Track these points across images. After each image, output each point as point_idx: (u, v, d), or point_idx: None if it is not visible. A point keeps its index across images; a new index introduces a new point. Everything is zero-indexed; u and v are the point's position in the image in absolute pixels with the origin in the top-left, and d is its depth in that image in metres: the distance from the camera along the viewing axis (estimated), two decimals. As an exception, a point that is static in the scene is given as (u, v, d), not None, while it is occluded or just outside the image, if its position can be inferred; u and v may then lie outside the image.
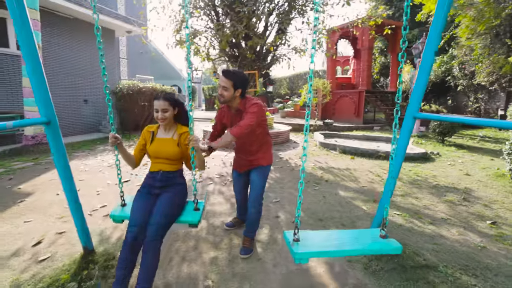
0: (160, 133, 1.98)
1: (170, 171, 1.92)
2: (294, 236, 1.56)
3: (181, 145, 1.92)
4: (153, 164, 1.95)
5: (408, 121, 1.87)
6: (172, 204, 1.80)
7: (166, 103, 1.86)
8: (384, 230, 1.70)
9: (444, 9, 1.66)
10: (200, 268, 2.01)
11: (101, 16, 8.74)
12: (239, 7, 5.73)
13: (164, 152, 1.90)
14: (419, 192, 3.71)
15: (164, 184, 1.88)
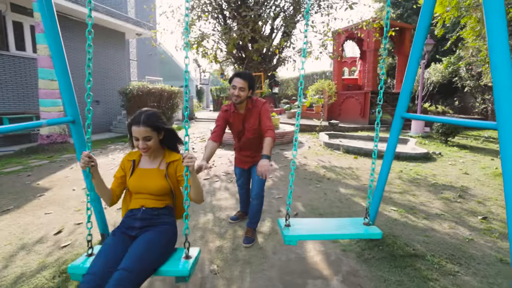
0: (143, 162, 1.61)
1: (155, 208, 1.53)
2: (285, 221, 1.76)
3: (170, 177, 1.56)
4: (134, 200, 1.57)
5: (397, 121, 2.03)
6: (152, 246, 1.37)
7: (148, 129, 1.46)
8: (367, 218, 1.88)
9: (426, 20, 1.83)
10: (206, 255, 2.22)
11: (112, 19, 9.08)
12: (246, 11, 5.94)
13: (148, 186, 1.53)
14: (417, 190, 3.85)
15: (146, 224, 1.48)
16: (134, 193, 1.58)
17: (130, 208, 1.55)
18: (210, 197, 3.53)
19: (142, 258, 1.29)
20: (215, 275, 1.95)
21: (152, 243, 1.38)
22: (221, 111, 2.37)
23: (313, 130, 10.11)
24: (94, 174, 1.48)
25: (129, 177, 1.58)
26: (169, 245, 1.49)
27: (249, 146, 2.43)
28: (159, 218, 1.51)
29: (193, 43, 6.71)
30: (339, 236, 1.77)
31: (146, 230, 1.46)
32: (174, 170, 1.58)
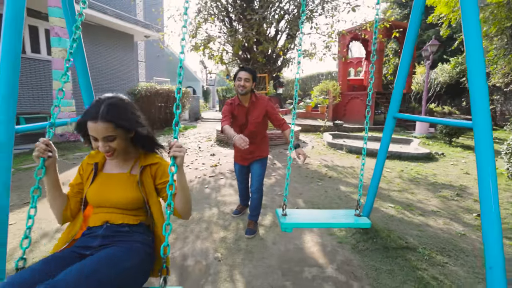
0: (109, 165, 1.23)
1: (124, 224, 1.14)
2: (282, 211, 1.93)
3: (144, 186, 1.18)
4: (94, 215, 1.17)
5: (389, 121, 2.17)
6: (113, 263, 0.98)
7: (110, 127, 1.06)
8: (357, 210, 2.03)
9: (415, 26, 1.96)
10: (211, 244, 2.39)
11: (121, 22, 9.36)
12: (251, 14, 6.11)
13: (113, 197, 1.14)
14: (416, 188, 3.96)
15: (109, 242, 1.09)
16: (95, 206, 1.17)
17: (89, 226, 1.14)
18: (215, 193, 3.71)
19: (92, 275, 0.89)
20: (219, 262, 2.12)
21: (115, 259, 0.99)
22: (225, 105, 2.48)
23: (318, 131, 10.22)
24: (49, 170, 1.11)
25: (89, 185, 1.17)
26: (140, 268, 1.05)
27: (250, 140, 2.50)
28: (130, 236, 1.11)
29: (199, 45, 6.92)
30: (331, 225, 1.94)
31: (108, 247, 1.06)
32: (152, 176, 1.20)
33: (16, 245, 2.38)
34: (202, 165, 5.23)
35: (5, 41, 1.25)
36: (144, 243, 1.13)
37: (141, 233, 1.16)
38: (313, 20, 6.81)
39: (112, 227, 1.12)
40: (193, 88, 24.31)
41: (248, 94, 2.42)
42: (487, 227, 1.31)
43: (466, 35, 1.41)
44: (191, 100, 14.12)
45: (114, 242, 1.08)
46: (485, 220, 1.32)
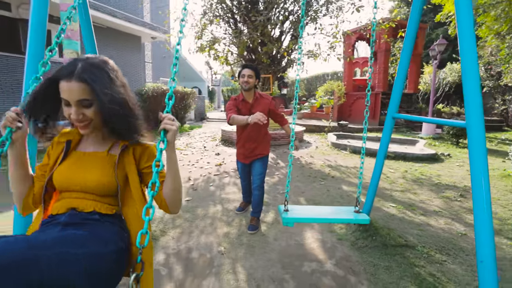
0: (84, 143, 1.04)
1: (95, 211, 0.93)
2: (284, 207, 2.00)
3: (123, 168, 0.98)
4: (58, 202, 0.96)
5: (388, 121, 2.22)
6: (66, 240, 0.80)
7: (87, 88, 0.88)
8: (357, 207, 2.09)
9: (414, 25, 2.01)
10: (215, 239, 2.47)
11: (129, 24, 9.54)
12: (255, 16, 6.19)
13: (83, 178, 0.94)
14: (419, 189, 3.98)
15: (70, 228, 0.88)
16: (62, 190, 0.97)
17: (51, 214, 0.94)
18: (219, 191, 3.79)
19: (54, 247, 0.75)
20: (222, 255, 2.20)
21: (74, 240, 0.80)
22: (230, 100, 2.60)
23: (322, 131, 10.24)
24: (15, 144, 0.93)
25: (57, 165, 0.98)
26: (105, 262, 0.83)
27: (252, 136, 2.60)
28: (101, 225, 0.90)
29: (205, 46, 7.03)
30: (331, 220, 2.00)
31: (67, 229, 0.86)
32: (135, 158, 1.00)
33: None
34: (207, 164, 5.32)
35: (31, 45, 1.35)
36: (118, 235, 0.90)
37: (115, 224, 0.93)
38: (317, 21, 6.85)
39: (80, 215, 0.90)
40: (199, 89, 24.52)
41: (251, 90, 2.55)
42: (479, 222, 1.36)
43: (460, 35, 1.45)
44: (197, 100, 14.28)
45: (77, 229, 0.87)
46: (477, 215, 1.37)
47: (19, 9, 7.17)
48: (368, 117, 2.22)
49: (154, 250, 2.25)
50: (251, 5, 6.70)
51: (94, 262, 0.80)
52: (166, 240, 2.44)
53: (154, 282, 1.57)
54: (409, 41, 2.06)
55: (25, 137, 0.97)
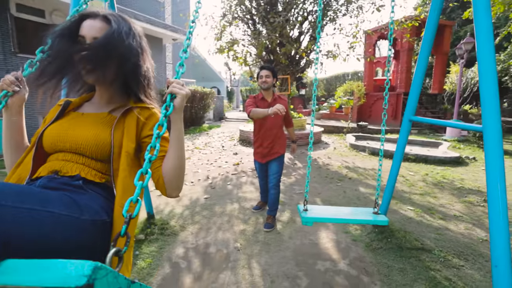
0: (86, 106, 0.96)
1: (78, 176, 0.80)
2: (303, 206, 2.06)
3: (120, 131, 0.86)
4: (44, 165, 0.84)
5: (405, 124, 2.21)
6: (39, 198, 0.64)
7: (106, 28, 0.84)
8: (376, 208, 2.10)
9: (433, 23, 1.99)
10: (231, 235, 2.57)
11: (151, 27, 9.90)
12: (274, 17, 6.25)
13: (73, 135, 0.84)
14: (439, 193, 3.88)
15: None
16: (49, 152, 0.86)
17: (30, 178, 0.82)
18: (236, 190, 3.90)
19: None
20: (238, 251, 2.30)
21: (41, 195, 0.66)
22: (249, 98, 2.74)
23: (341, 132, 10.12)
24: (12, 108, 0.90)
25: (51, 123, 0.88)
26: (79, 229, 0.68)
27: (269, 134, 2.71)
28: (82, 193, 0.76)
29: (224, 47, 7.18)
30: (349, 221, 2.03)
31: None
32: (138, 123, 0.89)
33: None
34: (225, 163, 5.45)
35: None
36: (101, 206, 0.76)
37: (101, 195, 0.79)
38: (337, 21, 6.80)
39: (61, 179, 0.78)
40: (218, 88, 24.87)
41: (270, 89, 2.71)
42: (494, 226, 1.36)
43: (478, 37, 1.45)
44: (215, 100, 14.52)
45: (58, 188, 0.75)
46: (492, 219, 1.37)
47: (52, 15, 7.65)
48: (389, 119, 2.22)
49: (174, 244, 2.39)
50: (270, 6, 6.77)
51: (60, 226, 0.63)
52: (186, 235, 2.57)
53: (174, 274, 1.64)
54: (428, 40, 2.04)
55: (23, 103, 0.91)
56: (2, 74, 6.61)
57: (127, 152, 0.84)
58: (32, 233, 0.58)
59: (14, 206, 0.57)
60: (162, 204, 3.31)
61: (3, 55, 6.57)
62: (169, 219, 2.88)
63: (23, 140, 0.94)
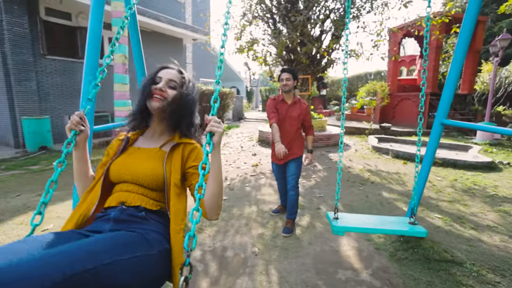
0: (141, 140, 1.16)
1: (141, 207, 0.99)
2: (334, 215, 1.97)
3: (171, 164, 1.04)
4: (112, 195, 1.04)
5: (436, 127, 2.07)
6: (116, 244, 0.81)
7: (178, 76, 1.14)
8: (412, 218, 1.96)
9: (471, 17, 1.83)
10: (249, 239, 2.54)
11: (172, 27, 10.08)
12: (295, 16, 6.15)
13: (135, 168, 1.03)
14: (470, 200, 3.64)
15: (120, 228, 0.92)
16: (115, 182, 1.05)
17: (104, 207, 1.02)
18: (255, 192, 3.86)
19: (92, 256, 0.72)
20: (256, 256, 2.26)
21: (124, 243, 0.82)
22: (269, 100, 2.76)
23: (363, 133, 9.83)
24: (78, 145, 1.05)
25: (116, 157, 1.08)
26: (151, 265, 0.86)
27: (286, 135, 2.68)
28: (146, 223, 0.95)
29: (244, 47, 7.16)
30: (384, 231, 1.90)
31: (118, 230, 0.90)
32: (183, 157, 1.07)
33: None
34: (244, 164, 5.44)
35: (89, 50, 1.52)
36: (162, 234, 0.95)
37: (160, 223, 0.98)
38: (360, 19, 6.59)
39: (128, 211, 0.96)
40: (237, 88, 25.00)
41: (291, 91, 2.71)
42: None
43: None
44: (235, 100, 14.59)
45: (127, 228, 0.91)
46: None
47: (78, 18, 7.98)
48: (413, 120, 2.07)
49: (192, 245, 2.38)
50: (290, 5, 6.67)
51: (141, 264, 0.82)
52: (203, 237, 2.57)
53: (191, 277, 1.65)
54: (465, 37, 1.89)
55: (87, 138, 1.07)
56: (32, 75, 7.00)
57: (175, 183, 1.02)
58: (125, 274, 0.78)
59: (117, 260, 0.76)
60: (181, 204, 3.35)
61: (33, 57, 6.93)
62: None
63: (89, 170, 1.13)
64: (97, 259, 0.72)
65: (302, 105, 2.73)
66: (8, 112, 6.71)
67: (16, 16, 6.47)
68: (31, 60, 6.83)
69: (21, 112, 6.74)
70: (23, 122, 6.20)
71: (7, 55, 6.47)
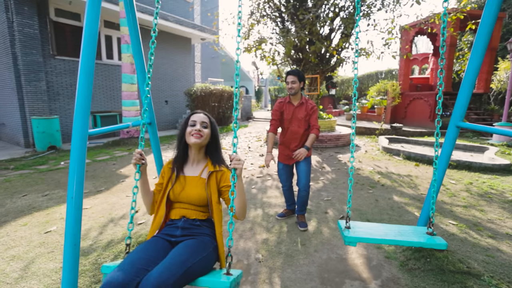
0: (185, 169, 1.56)
1: (195, 219, 1.47)
2: (346, 224, 1.83)
3: (209, 187, 1.48)
4: (174, 209, 1.50)
5: (451, 130, 1.94)
6: (195, 253, 1.27)
7: (207, 119, 1.54)
8: (431, 228, 1.82)
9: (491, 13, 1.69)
10: (253, 245, 2.45)
11: (180, 27, 10.08)
12: (303, 14, 6.02)
13: (189, 195, 1.46)
14: (487, 205, 3.46)
15: (186, 233, 1.42)
16: (174, 202, 1.50)
17: (171, 218, 1.50)
18: (261, 194, 3.78)
19: (183, 260, 1.19)
20: (259, 263, 2.17)
21: (196, 250, 1.29)
22: (276, 103, 2.80)
23: (373, 134, 9.61)
24: (143, 172, 1.50)
25: (171, 186, 1.50)
26: (210, 258, 1.34)
27: (295, 136, 2.73)
28: (200, 229, 1.44)
29: (251, 46, 7.07)
30: (399, 242, 1.74)
31: (188, 239, 1.38)
32: (217, 180, 1.50)
33: (90, 227, 2.78)
34: (250, 165, 5.36)
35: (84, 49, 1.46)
36: (211, 235, 1.46)
37: (208, 227, 1.49)
38: (371, 16, 6.40)
39: (188, 221, 1.46)
40: (246, 88, 24.94)
41: (297, 94, 2.70)
42: None
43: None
44: (244, 100, 14.52)
45: (191, 234, 1.42)
46: None
47: (89, 19, 8.05)
48: (426, 120, 1.93)
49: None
50: (299, 3, 6.54)
51: (201, 263, 1.27)
52: None
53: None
54: (484, 34, 1.75)
55: (146, 169, 1.53)
56: (42, 76, 7.07)
57: (215, 200, 1.48)
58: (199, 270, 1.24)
59: (196, 261, 1.23)
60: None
61: (42, 58, 7.02)
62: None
63: (149, 189, 1.56)
64: (185, 265, 1.18)
65: (308, 106, 2.70)
66: (18, 112, 6.82)
67: (27, 17, 6.57)
68: (41, 60, 6.92)
69: (31, 112, 6.85)
70: (32, 122, 6.29)
71: (17, 56, 6.57)
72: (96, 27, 1.50)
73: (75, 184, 1.40)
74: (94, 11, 1.47)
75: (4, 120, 7.85)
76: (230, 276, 1.25)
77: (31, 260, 2.19)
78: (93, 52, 1.48)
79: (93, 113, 8.37)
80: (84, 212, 3.15)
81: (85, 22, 1.47)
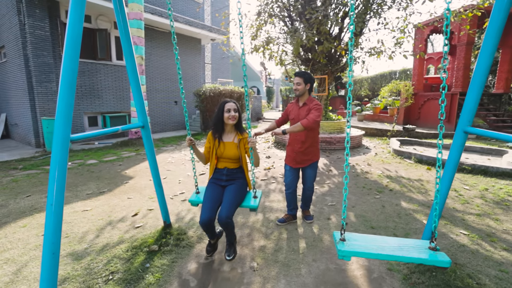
0: (224, 137, 2.32)
1: (233, 168, 2.30)
2: (340, 235, 1.72)
3: (240, 149, 2.27)
4: (219, 162, 2.32)
5: (458, 136, 1.79)
6: (236, 193, 2.17)
7: (236, 106, 2.27)
8: (433, 243, 1.69)
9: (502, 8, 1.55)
10: (249, 252, 2.37)
11: (191, 28, 10.11)
12: (310, 13, 5.89)
13: (228, 153, 2.25)
14: (503, 214, 3.25)
15: (229, 178, 2.27)
16: (219, 157, 2.32)
17: (217, 167, 2.33)
18: (263, 198, 3.69)
19: (233, 202, 2.11)
20: (253, 272, 2.09)
21: (236, 191, 2.20)
22: (289, 104, 2.91)
23: (384, 135, 9.33)
24: (194, 150, 2.31)
25: (217, 147, 2.29)
26: (245, 190, 2.31)
27: (297, 137, 2.75)
28: (237, 175, 2.31)
29: (259, 46, 6.99)
30: (397, 258, 1.61)
31: (230, 184, 2.27)
32: (243, 143, 2.31)
33: (88, 229, 2.77)
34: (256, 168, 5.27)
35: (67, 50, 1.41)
36: (243, 178, 2.35)
37: (241, 173, 2.35)
38: (381, 15, 6.20)
39: (229, 170, 2.31)
40: (257, 88, 24.85)
41: (304, 95, 2.71)
42: None
43: None
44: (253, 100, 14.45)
45: (231, 179, 2.30)
46: None
47: (97, 20, 8.17)
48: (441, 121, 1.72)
49: (187, 258, 2.27)
50: (306, 2, 6.41)
51: (242, 196, 2.25)
52: (201, 248, 2.44)
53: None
54: (494, 30, 1.60)
55: (195, 145, 2.30)
56: (53, 77, 7.21)
57: (243, 155, 2.32)
58: (242, 200, 2.28)
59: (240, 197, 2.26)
60: (184, 211, 3.25)
61: (53, 60, 7.17)
62: (188, 228, 2.79)
63: (201, 155, 2.36)
64: (236, 201, 2.16)
65: (311, 104, 2.67)
66: (29, 112, 7.00)
67: (38, 20, 6.72)
68: (51, 62, 7.07)
69: (42, 113, 7.01)
70: (43, 122, 6.43)
71: (29, 57, 6.74)
72: (80, 29, 1.46)
73: (55, 191, 1.35)
74: (77, 12, 1.42)
75: (16, 121, 8.09)
76: (256, 199, 2.32)
77: (24, 263, 2.18)
78: (76, 53, 1.43)
79: (103, 114, 8.50)
80: (84, 214, 3.16)
81: (68, 24, 1.43)
